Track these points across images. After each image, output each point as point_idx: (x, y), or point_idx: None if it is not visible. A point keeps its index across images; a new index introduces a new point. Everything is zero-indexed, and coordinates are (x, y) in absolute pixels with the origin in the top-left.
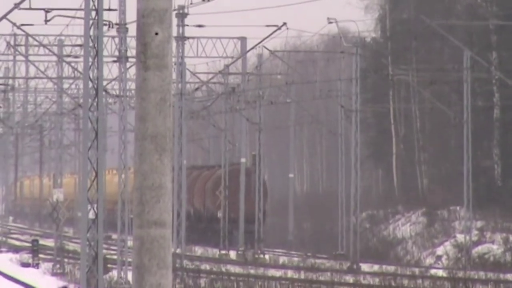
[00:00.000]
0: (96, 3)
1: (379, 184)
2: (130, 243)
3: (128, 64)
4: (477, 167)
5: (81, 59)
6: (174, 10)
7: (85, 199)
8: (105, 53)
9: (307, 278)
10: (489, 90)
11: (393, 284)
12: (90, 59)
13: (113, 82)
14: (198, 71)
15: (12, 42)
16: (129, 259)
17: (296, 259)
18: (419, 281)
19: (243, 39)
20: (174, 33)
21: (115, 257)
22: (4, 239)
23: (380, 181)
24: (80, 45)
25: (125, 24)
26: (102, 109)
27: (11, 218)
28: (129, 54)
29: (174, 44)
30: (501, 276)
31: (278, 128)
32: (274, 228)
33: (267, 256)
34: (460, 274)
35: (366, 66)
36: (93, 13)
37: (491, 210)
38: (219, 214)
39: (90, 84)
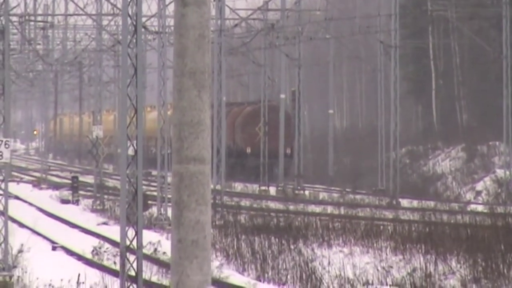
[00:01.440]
0: None
1: (419, 120)
2: (170, 179)
3: (167, 1)
4: None
5: None
6: None
7: (124, 136)
8: None
9: (346, 214)
10: None
11: (433, 219)
12: None
13: (152, 19)
14: (237, 7)
15: None
16: (169, 196)
17: (335, 195)
18: (459, 216)
19: None
20: None
21: (155, 193)
22: (44, 175)
23: (419, 116)
24: None
25: None
26: (141, 46)
27: (50, 155)
28: None
29: None
30: None
31: (318, 64)
32: (314, 164)
33: (307, 192)
34: (500, 209)
35: (405, 2)
36: None
37: None
38: (248, 150)
39: (129, 21)
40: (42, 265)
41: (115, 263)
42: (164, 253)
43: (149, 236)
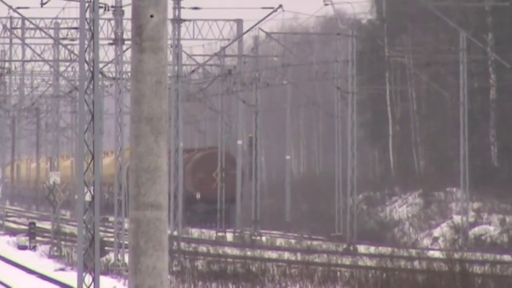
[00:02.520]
0: None
1: (376, 166)
2: (127, 225)
3: (124, 47)
4: (473, 148)
5: (77, 42)
6: None
7: (81, 182)
8: (101, 35)
9: (304, 260)
10: (485, 71)
11: (390, 265)
12: (86, 42)
13: (109, 65)
14: (195, 53)
15: (8, 25)
16: (126, 242)
17: (293, 240)
18: (416, 262)
19: (239, 21)
20: (170, 16)
21: (112, 239)
22: (1, 221)
23: (376, 162)
24: (76, 28)
25: (121, 6)
26: (98, 92)
27: (7, 201)
28: (125, 36)
29: (170, 26)
30: (498, 257)
31: (275, 110)
32: (271, 210)
33: (264, 238)
34: (457, 255)
35: (362, 47)
36: None
37: (488, 191)
38: (198, 196)
39: (86, 67)
40: None
41: None
42: None
43: (106, 282)
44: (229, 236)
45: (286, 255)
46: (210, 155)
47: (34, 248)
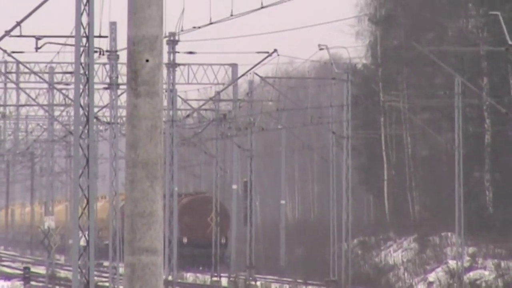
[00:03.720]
0: (86, 30)
1: (371, 210)
2: (121, 270)
3: (119, 91)
4: (468, 193)
5: (72, 86)
6: (165, 37)
7: (76, 227)
8: (96, 80)
9: None
10: (480, 116)
11: None
12: (81, 86)
13: (104, 109)
14: (189, 98)
15: (2, 70)
16: (121, 286)
17: (287, 285)
18: None
19: (234, 66)
20: (165, 60)
21: (106, 284)
22: None
23: (371, 207)
24: (71, 72)
25: (116, 51)
26: (93, 136)
27: (2, 246)
28: (120, 81)
29: (165, 71)
30: None
31: (270, 154)
32: (266, 254)
33: (258, 283)
34: None
35: (357, 92)
36: (84, 40)
37: (483, 236)
38: (185, 240)
39: (81, 111)
40: None
41: None
42: None
43: None
44: (224, 281)
45: None
46: (196, 200)
47: None
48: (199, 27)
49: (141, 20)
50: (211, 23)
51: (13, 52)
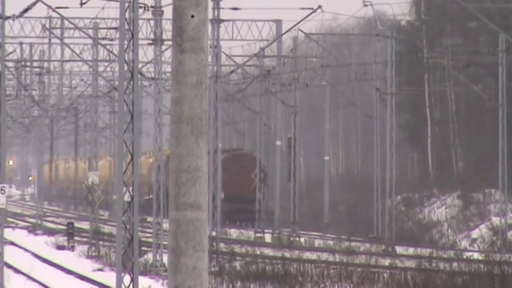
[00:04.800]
0: None
1: (414, 167)
2: (165, 225)
3: (163, 47)
4: None
5: (117, 42)
6: None
7: (120, 182)
8: (140, 35)
9: (342, 261)
10: None
11: (428, 266)
12: (126, 42)
13: (148, 65)
14: (234, 54)
15: (47, 25)
16: (165, 242)
17: (331, 242)
18: (455, 264)
19: (278, 22)
20: (210, 16)
21: (150, 240)
22: (39, 221)
23: (415, 164)
24: (115, 28)
25: (161, 6)
26: (138, 92)
27: (46, 201)
28: (164, 37)
29: (209, 27)
30: None
31: (313, 111)
32: (309, 211)
33: (302, 239)
34: (496, 257)
35: (401, 49)
36: None
37: None
38: (222, 195)
39: (126, 67)
40: None
41: None
42: None
43: (144, 282)
44: (268, 237)
45: (325, 256)
46: (233, 157)
47: (72, 248)
48: None
49: None
50: None
51: (58, 7)
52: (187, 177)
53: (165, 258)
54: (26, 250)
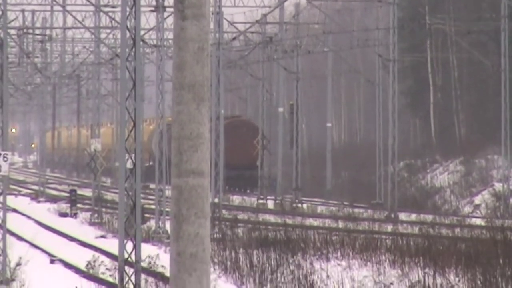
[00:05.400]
0: None
1: (417, 134)
2: (168, 192)
3: (165, 14)
4: None
5: (119, 8)
6: None
7: (122, 149)
8: (142, 2)
9: (345, 227)
10: None
11: (431, 233)
12: (128, 9)
13: (150, 32)
14: (236, 21)
15: None
16: (167, 209)
17: (333, 208)
18: (457, 230)
19: None
20: None
21: (152, 206)
22: (42, 189)
23: (417, 130)
24: None
25: None
26: (140, 59)
27: (48, 169)
28: (166, 3)
29: None
30: None
31: (316, 77)
32: (312, 178)
33: (305, 206)
34: (498, 223)
35: (404, 15)
36: None
37: None
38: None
39: (128, 34)
40: (40, 278)
41: (111, 275)
42: (162, 266)
43: (147, 249)
44: (270, 204)
45: (327, 222)
46: (232, 124)
47: (75, 215)
48: None
49: None
50: None
51: None
52: (189, 144)
53: (167, 225)
54: (28, 217)
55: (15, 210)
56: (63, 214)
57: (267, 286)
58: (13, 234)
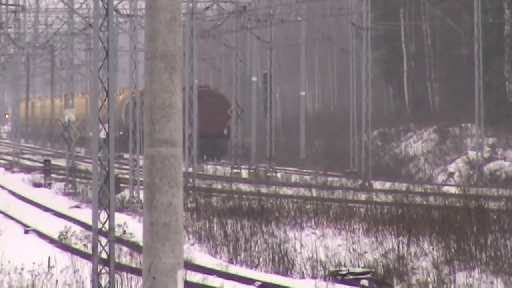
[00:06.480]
0: None
1: (391, 102)
2: (142, 162)
3: None
4: (488, 84)
5: None
6: None
7: (96, 119)
8: None
9: (319, 196)
10: (500, 6)
11: (405, 201)
12: None
13: (123, 2)
14: None
15: None
16: (141, 179)
17: (307, 177)
18: (431, 198)
19: None
20: None
21: (127, 176)
22: (16, 159)
23: (391, 99)
24: None
25: None
26: (113, 29)
27: (22, 139)
28: None
29: None
30: None
31: (289, 46)
32: (286, 146)
33: (279, 175)
34: (472, 191)
35: None
36: None
37: (503, 126)
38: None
39: (101, 4)
40: (14, 248)
41: (84, 245)
42: (131, 234)
43: (121, 219)
44: (244, 173)
45: (302, 191)
46: (199, 94)
47: (49, 186)
48: None
49: None
50: None
51: None
52: (161, 114)
53: (141, 195)
54: (2, 187)
55: None
56: (37, 185)
57: (241, 255)
58: None
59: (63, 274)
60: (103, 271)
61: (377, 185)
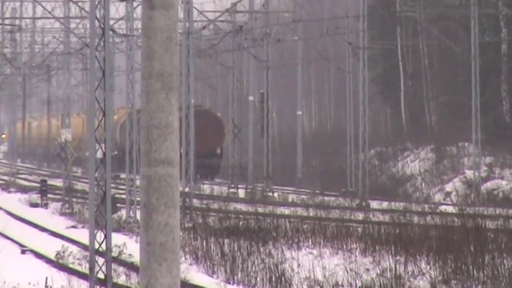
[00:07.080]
0: None
1: (388, 121)
2: (138, 182)
3: (134, 3)
4: (485, 103)
5: None
6: None
7: (92, 139)
8: None
9: (316, 216)
10: (497, 25)
11: (402, 220)
12: None
13: (120, 21)
14: (205, 10)
15: None
16: (138, 198)
17: (304, 196)
18: (428, 217)
19: None
20: None
21: (123, 196)
22: (12, 179)
23: (388, 118)
24: None
25: None
26: (109, 49)
27: (19, 159)
28: None
29: None
30: (511, 211)
31: (286, 65)
32: (283, 166)
33: (276, 194)
34: (470, 210)
35: (373, 2)
36: None
37: (500, 146)
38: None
39: (97, 24)
40: (10, 268)
41: (80, 265)
42: (130, 255)
43: (118, 239)
44: (241, 193)
45: (299, 211)
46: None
47: (45, 206)
48: None
49: None
50: None
51: None
52: (158, 133)
53: (138, 215)
54: None
55: None
56: (33, 205)
57: (238, 275)
58: None
59: None
60: None
61: (374, 204)
